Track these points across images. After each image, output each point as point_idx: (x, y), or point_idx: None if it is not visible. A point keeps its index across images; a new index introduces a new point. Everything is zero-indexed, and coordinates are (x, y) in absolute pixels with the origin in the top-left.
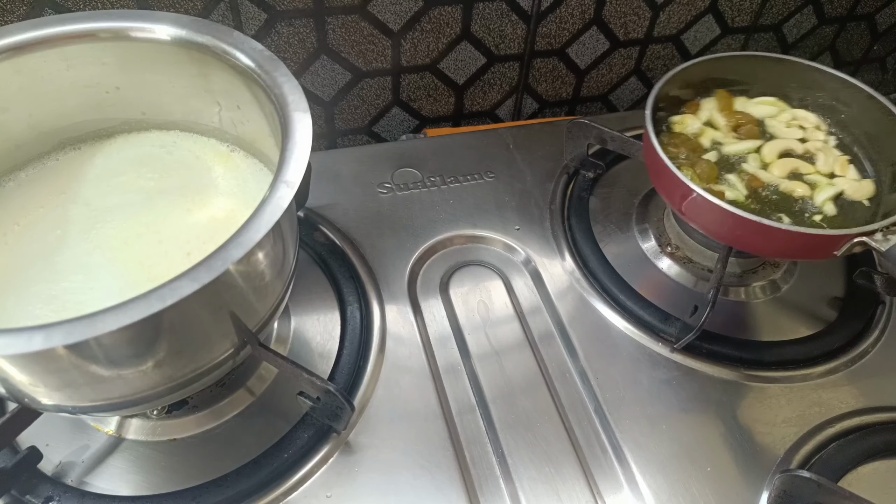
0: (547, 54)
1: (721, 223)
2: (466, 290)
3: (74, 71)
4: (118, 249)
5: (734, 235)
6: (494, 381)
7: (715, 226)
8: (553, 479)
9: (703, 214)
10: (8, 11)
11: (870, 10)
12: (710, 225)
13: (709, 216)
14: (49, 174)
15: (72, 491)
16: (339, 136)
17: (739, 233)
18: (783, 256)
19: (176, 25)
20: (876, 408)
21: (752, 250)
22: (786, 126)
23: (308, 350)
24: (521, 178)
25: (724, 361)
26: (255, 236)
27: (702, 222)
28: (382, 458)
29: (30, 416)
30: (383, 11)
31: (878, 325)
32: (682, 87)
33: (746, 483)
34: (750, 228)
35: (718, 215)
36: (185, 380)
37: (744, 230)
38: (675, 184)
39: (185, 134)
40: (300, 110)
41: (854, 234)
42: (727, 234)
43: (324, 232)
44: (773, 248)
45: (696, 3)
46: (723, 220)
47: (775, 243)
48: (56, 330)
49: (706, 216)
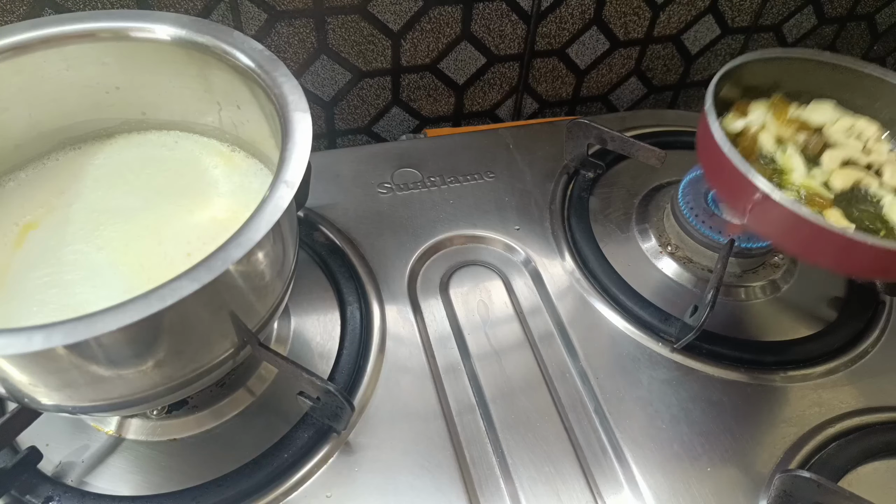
0: (547, 54)
1: (796, 233)
2: (466, 290)
3: (74, 71)
4: (118, 250)
5: (810, 248)
6: (494, 381)
7: (787, 236)
8: (553, 479)
9: (774, 223)
10: (8, 11)
11: (870, 10)
12: (782, 235)
13: (782, 225)
14: (49, 174)
15: (72, 491)
16: (339, 136)
17: (818, 246)
18: (858, 274)
19: (176, 25)
20: (876, 408)
21: (827, 265)
22: (845, 135)
23: (308, 350)
24: (521, 178)
25: (725, 361)
26: (255, 236)
27: (769, 230)
28: (382, 458)
29: (30, 416)
30: (383, 11)
31: (878, 325)
32: (729, 87)
33: (746, 483)
34: (833, 242)
35: (795, 225)
36: (185, 380)
37: (826, 244)
38: (744, 186)
39: (185, 134)
40: (300, 110)
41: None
42: (799, 246)
43: (324, 232)
44: (851, 265)
45: (696, 3)
46: (800, 230)
47: (859, 260)
48: (56, 330)
49: (777, 225)
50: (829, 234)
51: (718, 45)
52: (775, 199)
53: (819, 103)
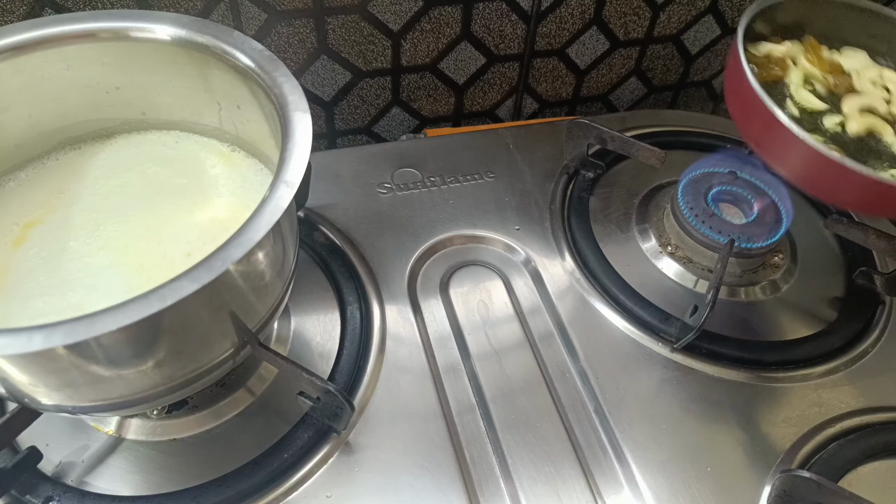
0: (547, 54)
1: (802, 161)
2: (466, 290)
3: (74, 71)
4: (118, 250)
5: (814, 179)
6: (494, 381)
7: (793, 163)
8: (553, 479)
9: (785, 150)
10: (8, 11)
11: None
12: (789, 163)
13: (791, 153)
14: (49, 174)
15: (72, 491)
16: (339, 136)
17: (823, 176)
18: (856, 208)
19: (176, 25)
20: (876, 408)
21: (828, 198)
22: (871, 83)
23: (308, 350)
24: (521, 178)
25: (725, 361)
26: (255, 236)
27: (779, 158)
28: (382, 458)
29: (30, 416)
30: (383, 11)
31: (878, 325)
32: (764, 23)
33: (746, 483)
34: (839, 175)
35: (802, 153)
36: (185, 380)
37: (831, 175)
38: (760, 113)
39: (185, 134)
40: (300, 110)
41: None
42: (804, 174)
43: (324, 232)
44: (857, 199)
45: (696, 3)
46: (807, 158)
47: (864, 193)
48: (56, 330)
49: (787, 152)
50: (836, 166)
51: (718, 45)
52: (795, 132)
53: (852, 50)
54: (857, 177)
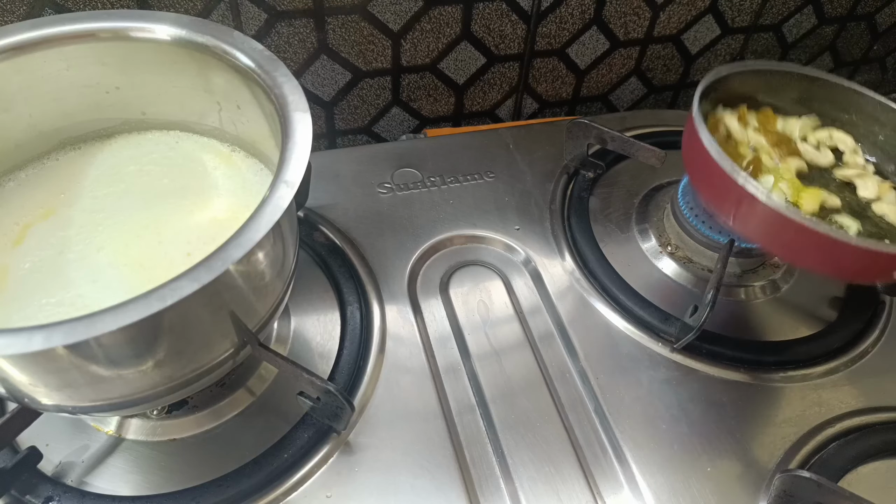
0: (547, 54)
1: (783, 235)
2: (466, 290)
3: (74, 71)
4: (118, 250)
5: (799, 252)
6: (494, 381)
7: (775, 239)
8: (553, 478)
9: (763, 226)
10: (8, 11)
11: (870, 10)
12: (770, 238)
13: (772, 228)
14: (49, 174)
15: (72, 491)
16: (339, 136)
17: (807, 249)
18: (844, 277)
19: (176, 25)
20: (876, 408)
21: (815, 268)
22: (816, 147)
23: (308, 350)
24: (521, 178)
25: (724, 361)
26: (255, 236)
27: (758, 234)
28: (382, 458)
29: (30, 416)
30: (383, 11)
31: (878, 325)
32: (712, 97)
33: (746, 483)
34: (820, 244)
35: (784, 227)
36: (185, 380)
37: (813, 246)
38: (732, 189)
39: (185, 134)
40: (300, 110)
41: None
42: (788, 249)
43: (324, 232)
44: (839, 268)
45: (696, 3)
46: (789, 232)
47: (846, 262)
48: (56, 330)
49: (767, 228)
50: (814, 235)
51: (718, 45)
52: (764, 200)
53: (793, 118)
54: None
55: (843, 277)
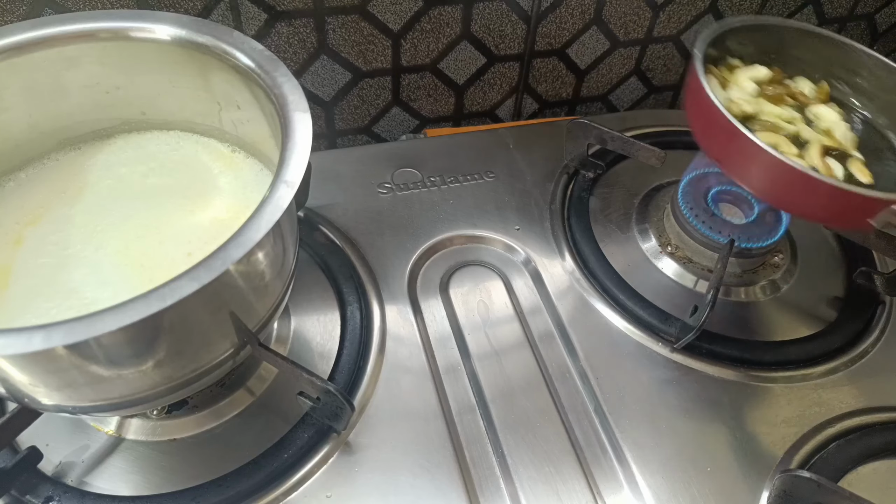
0: (547, 54)
1: (763, 171)
2: (466, 290)
3: (74, 71)
4: (119, 250)
5: (775, 189)
6: (494, 381)
7: (755, 175)
8: (553, 479)
9: (746, 162)
10: (8, 11)
11: (870, 10)
12: (751, 174)
13: (752, 164)
14: (49, 174)
15: (72, 491)
16: (339, 136)
17: (781, 186)
18: (814, 217)
19: (176, 25)
20: (876, 408)
21: (784, 205)
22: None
23: (308, 350)
24: (521, 178)
25: (725, 361)
26: (255, 236)
27: (741, 171)
28: (382, 458)
29: (30, 416)
30: (383, 11)
31: (878, 325)
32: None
33: (746, 483)
34: (794, 181)
35: (763, 163)
36: (185, 380)
37: (788, 183)
38: (720, 124)
39: (185, 134)
40: (300, 110)
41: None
42: (767, 186)
43: (324, 232)
44: (811, 207)
45: (696, 3)
46: (766, 168)
47: (816, 200)
48: (56, 330)
49: (748, 164)
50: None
51: None
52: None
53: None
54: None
55: (823, 221)
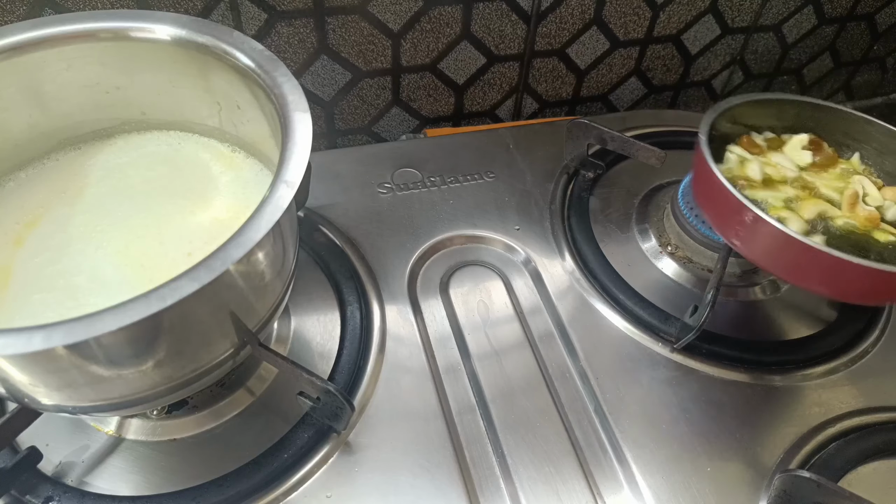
0: (547, 54)
1: (788, 257)
2: (466, 290)
3: (74, 71)
4: (119, 250)
5: (803, 272)
6: (494, 381)
7: (781, 261)
8: (553, 479)
9: (767, 246)
10: (8, 11)
11: (870, 10)
12: (774, 259)
13: (775, 249)
14: (49, 174)
15: (72, 491)
16: (339, 136)
17: (811, 269)
18: (851, 299)
19: (176, 25)
20: (876, 408)
21: (820, 290)
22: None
23: (308, 350)
24: (521, 178)
25: (725, 361)
26: (255, 236)
27: (762, 255)
28: (382, 458)
29: (30, 416)
30: (383, 11)
31: (878, 325)
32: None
33: (746, 483)
34: (826, 265)
35: (789, 248)
36: (185, 380)
37: (818, 267)
38: (735, 208)
39: (185, 134)
40: (300, 110)
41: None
42: (792, 270)
43: (324, 232)
44: (845, 289)
45: (696, 3)
46: (792, 253)
47: (854, 284)
48: (56, 330)
49: (771, 249)
50: (821, 256)
51: (718, 45)
52: (768, 221)
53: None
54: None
55: (847, 299)
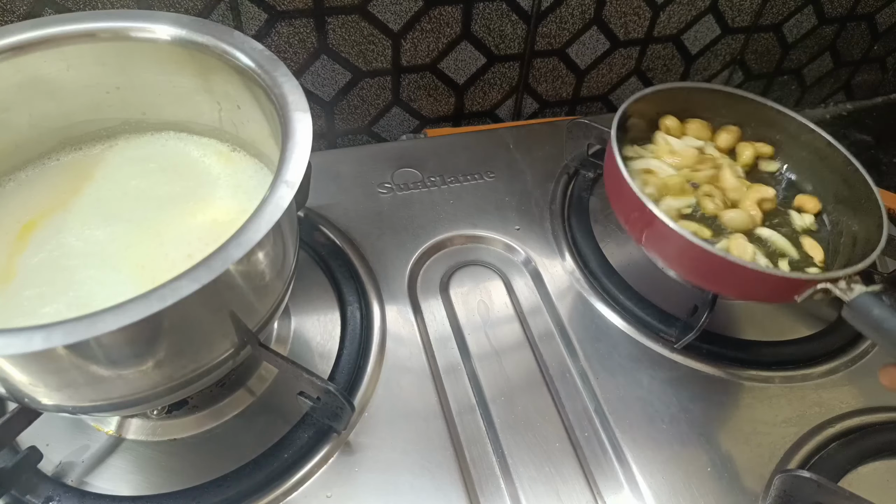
0: (547, 54)
1: (681, 256)
2: (466, 290)
3: (74, 71)
4: (119, 251)
5: (694, 270)
6: (494, 381)
7: (675, 258)
8: (553, 479)
9: (664, 245)
10: (8, 11)
11: (870, 10)
12: (670, 257)
13: (670, 248)
14: (49, 174)
15: (72, 491)
16: (339, 136)
17: (700, 268)
18: (740, 296)
19: (176, 25)
20: (876, 408)
21: (709, 286)
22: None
23: (308, 350)
24: (521, 178)
25: (725, 361)
26: (255, 236)
27: (663, 253)
28: (382, 458)
29: (30, 416)
30: (383, 11)
31: None
32: (638, 117)
33: (746, 483)
34: (711, 265)
35: (679, 247)
36: (185, 380)
37: (704, 266)
38: (637, 208)
39: (185, 134)
40: (300, 110)
41: (818, 279)
42: (686, 268)
43: (324, 232)
44: (731, 287)
45: (697, 3)
46: (683, 252)
47: (734, 282)
48: (56, 330)
49: (666, 247)
50: (707, 256)
51: (718, 45)
52: (661, 220)
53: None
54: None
55: (740, 298)
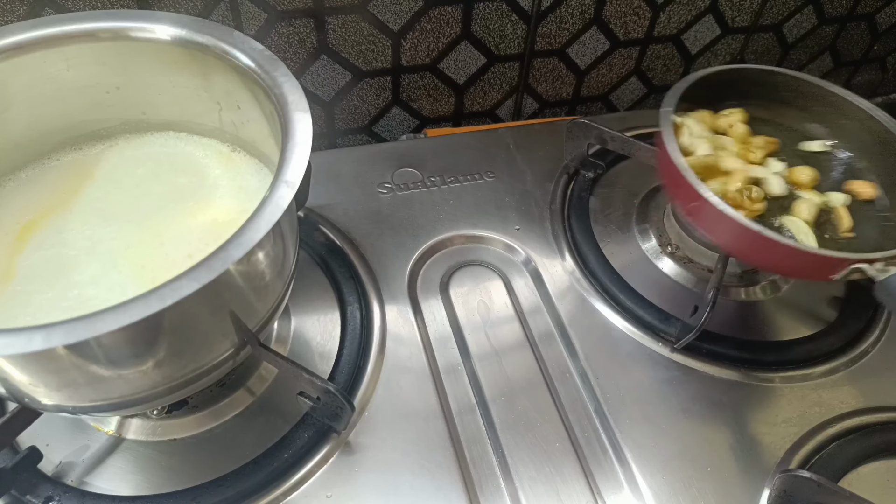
0: (547, 54)
1: (723, 230)
2: (466, 290)
3: (74, 71)
4: (119, 251)
5: (735, 244)
6: (494, 381)
7: (717, 232)
8: (553, 479)
9: (708, 220)
10: (8, 11)
11: (870, 10)
12: (712, 230)
13: (713, 222)
14: (49, 174)
15: (72, 491)
16: (339, 136)
17: (740, 243)
18: (780, 272)
19: (176, 25)
20: (876, 408)
21: (751, 262)
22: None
23: (308, 350)
24: (521, 178)
25: (725, 361)
26: (255, 236)
27: (705, 227)
28: (382, 458)
29: (30, 416)
30: (383, 11)
31: (878, 325)
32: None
33: (746, 483)
34: (751, 240)
35: (721, 222)
36: (185, 380)
37: (744, 241)
38: (683, 184)
39: (185, 134)
40: (300, 110)
41: (853, 259)
42: (727, 242)
43: (324, 232)
44: (772, 263)
45: (697, 3)
46: (725, 227)
47: (774, 258)
48: (56, 330)
49: (710, 222)
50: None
51: (718, 45)
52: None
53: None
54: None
55: (780, 273)
